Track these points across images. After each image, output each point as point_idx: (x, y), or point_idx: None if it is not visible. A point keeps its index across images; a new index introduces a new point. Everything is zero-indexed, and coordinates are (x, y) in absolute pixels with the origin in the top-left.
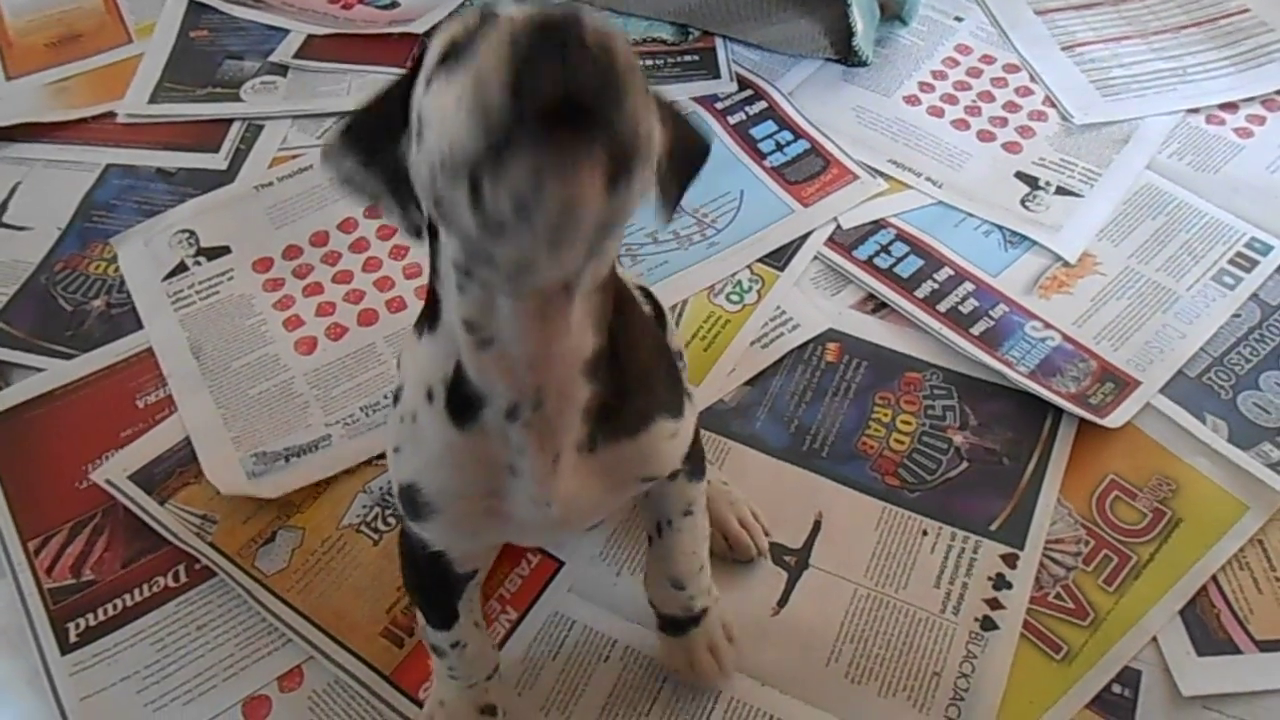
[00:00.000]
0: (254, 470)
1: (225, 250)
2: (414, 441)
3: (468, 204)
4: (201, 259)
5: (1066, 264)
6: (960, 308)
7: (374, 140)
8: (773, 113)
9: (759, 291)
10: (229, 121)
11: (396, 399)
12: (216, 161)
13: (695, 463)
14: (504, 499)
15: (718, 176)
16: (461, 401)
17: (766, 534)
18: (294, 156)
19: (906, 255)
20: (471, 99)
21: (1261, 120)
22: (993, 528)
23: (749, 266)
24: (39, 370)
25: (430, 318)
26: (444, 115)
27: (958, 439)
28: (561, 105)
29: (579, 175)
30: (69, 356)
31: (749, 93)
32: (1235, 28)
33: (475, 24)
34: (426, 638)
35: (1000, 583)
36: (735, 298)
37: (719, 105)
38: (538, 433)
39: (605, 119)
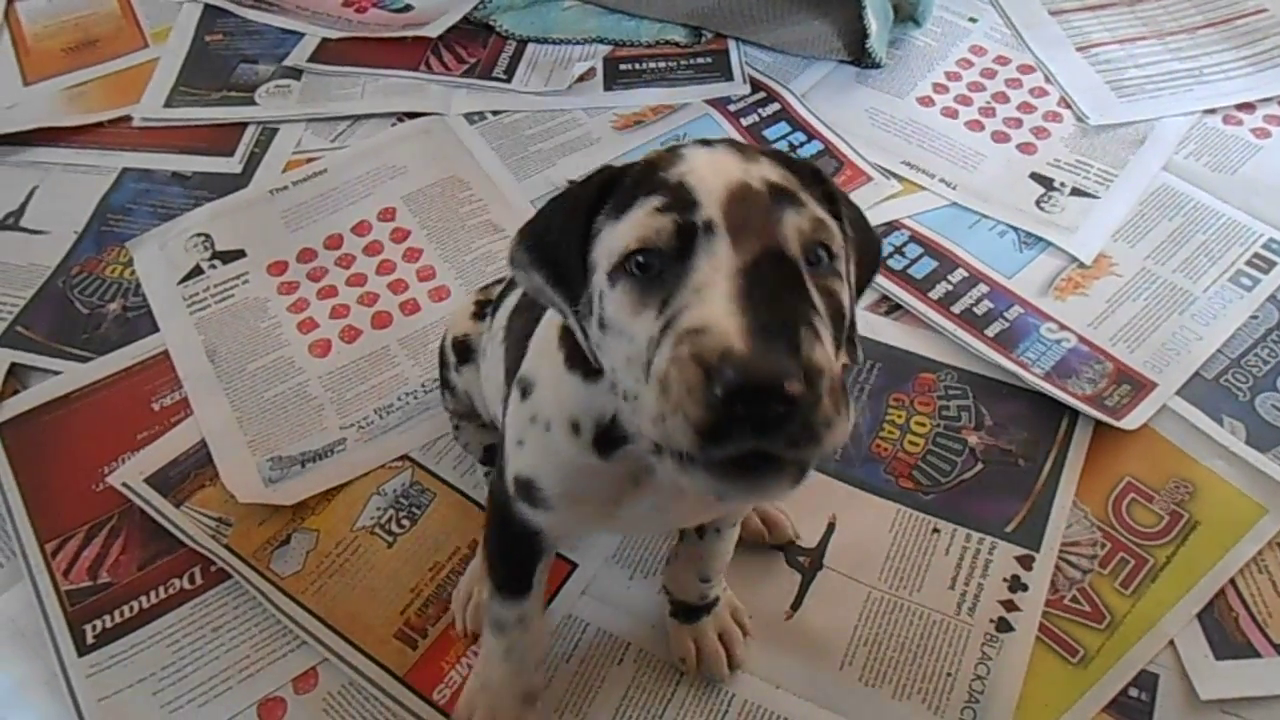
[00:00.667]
0: (271, 476)
1: (240, 254)
2: (545, 450)
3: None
4: (217, 262)
5: (1082, 265)
6: (975, 309)
7: (558, 269)
8: (786, 115)
9: None
10: (243, 125)
11: (525, 394)
12: (231, 165)
13: None
14: (622, 504)
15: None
16: (609, 439)
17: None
18: (308, 160)
19: (921, 257)
20: (673, 416)
21: (1279, 120)
22: (1008, 529)
23: None
24: (56, 374)
25: (585, 363)
26: (643, 394)
27: (973, 440)
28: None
29: (769, 490)
30: (85, 359)
31: (762, 95)
32: (1252, 28)
33: (671, 201)
34: (490, 615)
35: (1016, 585)
36: None
37: (732, 107)
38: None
39: (801, 461)
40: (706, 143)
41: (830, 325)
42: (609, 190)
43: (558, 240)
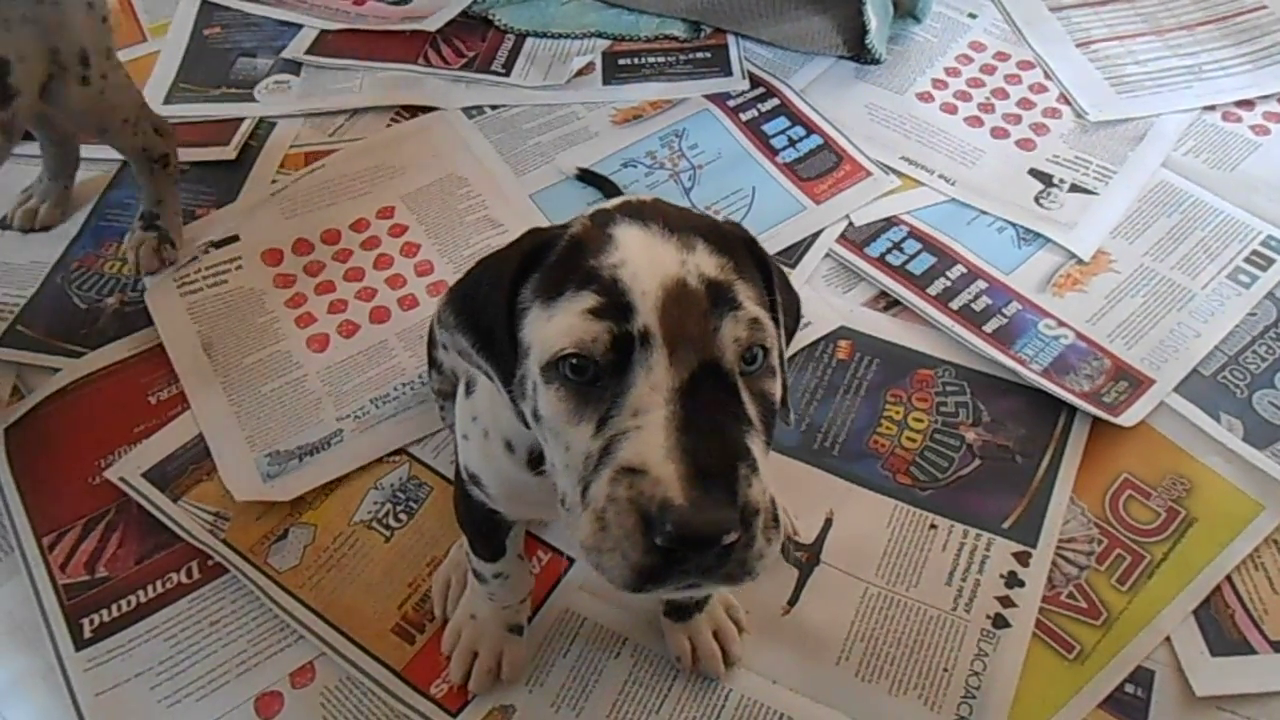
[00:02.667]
0: (268, 472)
1: (234, 239)
2: (484, 454)
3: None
4: (210, 248)
5: (1080, 261)
6: (973, 305)
7: (486, 337)
8: (785, 110)
9: None
10: (242, 119)
11: (469, 390)
12: (226, 153)
13: None
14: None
15: (729, 173)
16: (538, 459)
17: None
18: (306, 154)
19: (919, 252)
20: (610, 553)
21: (1279, 117)
22: (1005, 525)
23: None
24: (56, 370)
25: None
26: (577, 515)
27: (970, 435)
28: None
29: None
30: (83, 355)
31: (761, 90)
32: (1252, 24)
33: (595, 265)
34: (471, 564)
35: (1012, 581)
36: None
37: (731, 103)
38: None
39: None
40: (638, 213)
41: (763, 431)
42: (534, 261)
43: (483, 307)
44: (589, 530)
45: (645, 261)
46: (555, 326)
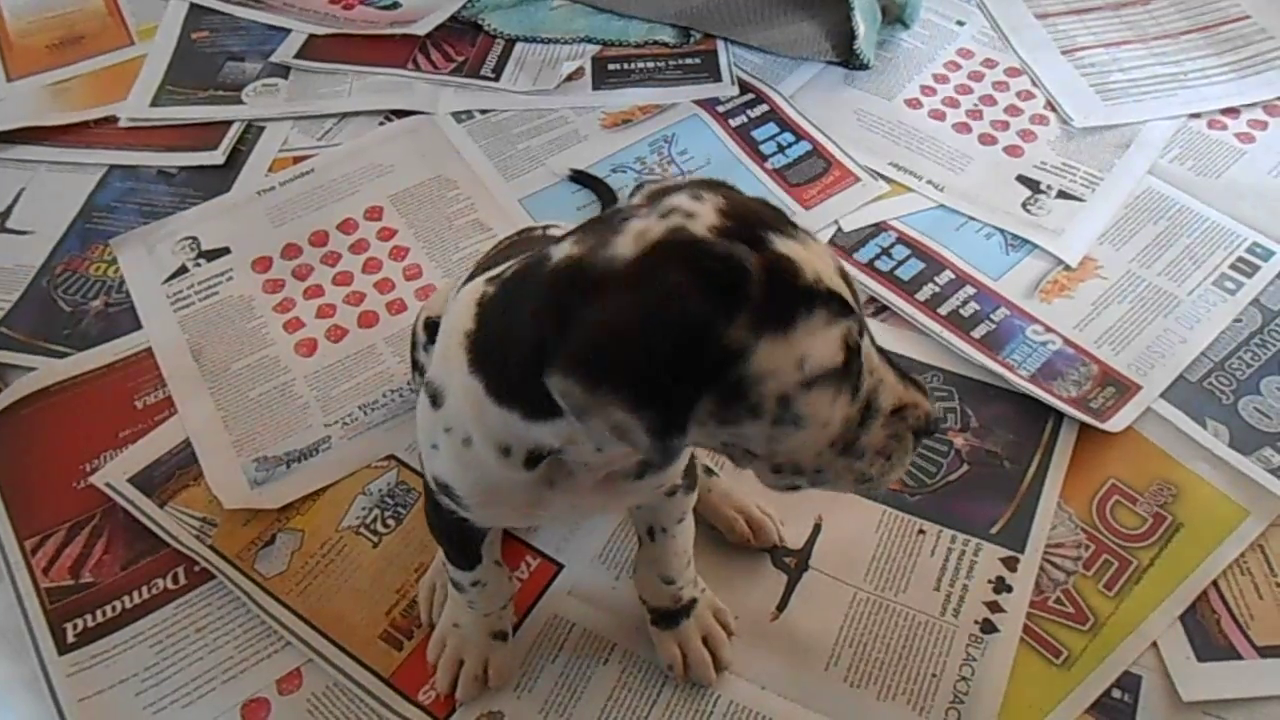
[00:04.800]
0: (256, 478)
1: (225, 251)
2: (461, 462)
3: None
4: (202, 260)
5: (1068, 268)
6: (961, 311)
7: (660, 394)
8: (774, 115)
9: None
10: (230, 122)
11: (435, 403)
12: (214, 157)
13: (690, 478)
14: (537, 505)
15: (719, 178)
16: (536, 457)
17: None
18: (295, 159)
19: (907, 258)
20: (888, 472)
21: (1263, 125)
22: (993, 531)
23: None
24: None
25: (527, 402)
26: (838, 467)
27: (958, 441)
28: None
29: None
30: (65, 355)
31: (750, 96)
32: (1235, 34)
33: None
34: (449, 574)
35: (1000, 586)
36: None
37: (720, 108)
38: (596, 471)
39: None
40: (782, 232)
41: None
42: (736, 300)
43: (668, 364)
44: (876, 468)
45: (824, 268)
46: (820, 343)
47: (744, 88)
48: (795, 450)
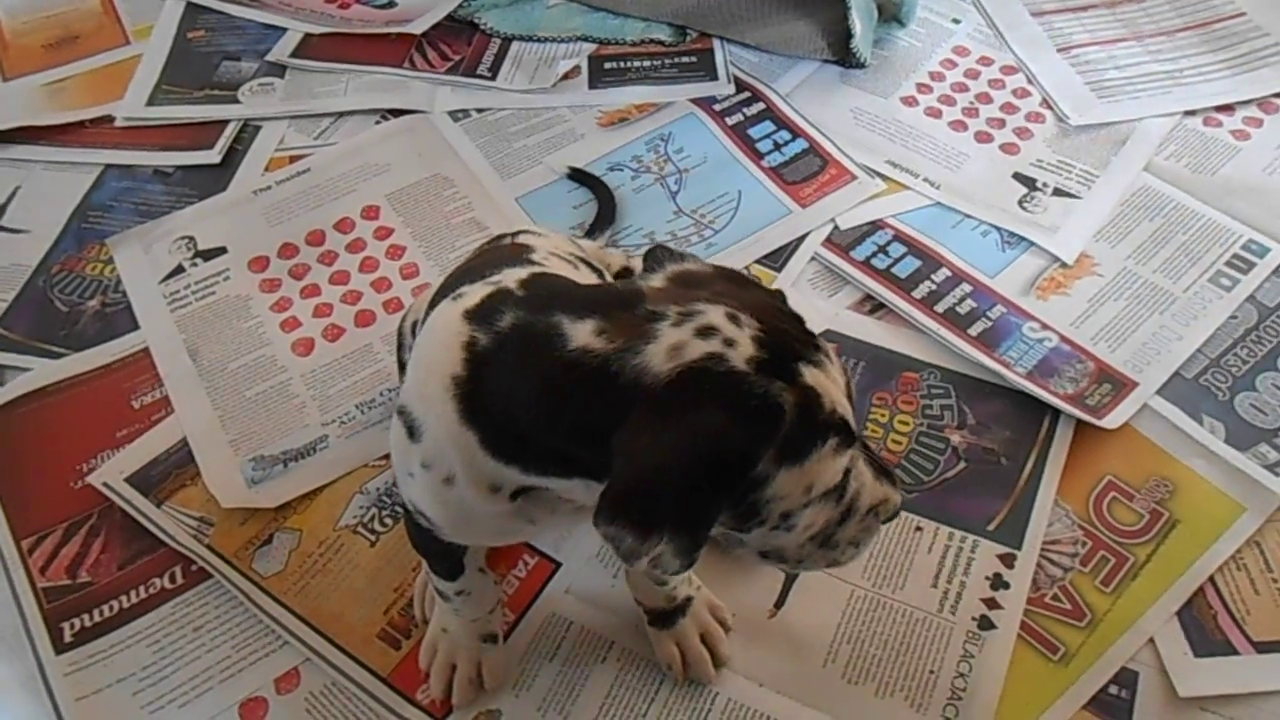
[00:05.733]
0: (253, 477)
1: (222, 250)
2: (439, 497)
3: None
4: (199, 260)
5: (1064, 265)
6: (958, 308)
7: (694, 521)
8: (771, 114)
9: None
10: (226, 122)
11: (412, 435)
12: (210, 156)
13: None
14: (515, 530)
15: (715, 177)
16: (519, 491)
17: None
18: (291, 158)
19: (904, 256)
20: (854, 555)
21: (1259, 122)
22: (990, 528)
23: (747, 267)
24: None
25: (528, 459)
26: (815, 554)
27: (955, 438)
28: None
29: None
30: (62, 356)
31: (747, 94)
32: (1230, 32)
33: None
34: (433, 582)
35: (998, 583)
36: None
37: (717, 107)
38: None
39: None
40: (810, 360)
41: None
42: (770, 437)
43: (708, 500)
44: (847, 556)
45: (838, 394)
46: (826, 470)
47: (740, 86)
48: (782, 546)
